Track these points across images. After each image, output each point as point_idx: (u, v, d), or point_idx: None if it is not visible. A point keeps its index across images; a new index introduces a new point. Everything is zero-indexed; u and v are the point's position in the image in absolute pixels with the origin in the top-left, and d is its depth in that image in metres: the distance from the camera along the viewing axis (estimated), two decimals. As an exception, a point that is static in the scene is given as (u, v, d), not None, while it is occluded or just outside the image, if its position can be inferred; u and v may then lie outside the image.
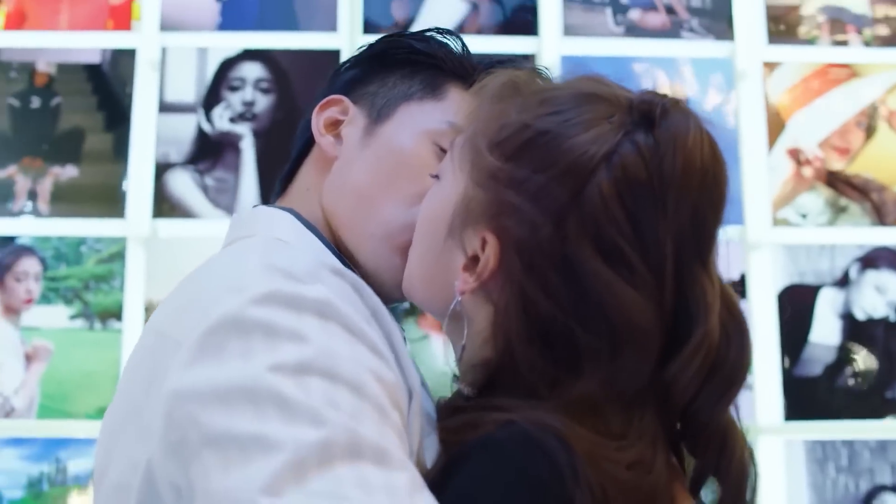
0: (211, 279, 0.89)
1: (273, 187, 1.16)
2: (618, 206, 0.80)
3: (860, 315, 2.27)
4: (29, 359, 2.20)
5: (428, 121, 1.07)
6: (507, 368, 0.84)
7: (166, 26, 2.38)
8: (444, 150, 1.02)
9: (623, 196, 0.80)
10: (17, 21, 2.38)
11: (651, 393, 0.82)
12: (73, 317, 2.23)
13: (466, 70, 1.10)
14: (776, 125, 2.35)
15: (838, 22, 2.44)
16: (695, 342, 0.81)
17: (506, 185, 0.84)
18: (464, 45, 1.14)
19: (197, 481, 0.75)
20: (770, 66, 2.38)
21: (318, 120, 1.10)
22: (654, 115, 0.83)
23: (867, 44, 2.43)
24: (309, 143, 1.12)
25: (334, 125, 1.10)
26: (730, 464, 0.85)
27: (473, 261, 0.86)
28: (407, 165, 1.06)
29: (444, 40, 1.12)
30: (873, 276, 2.28)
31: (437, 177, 0.97)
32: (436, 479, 0.78)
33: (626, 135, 0.82)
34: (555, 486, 0.73)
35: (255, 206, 1.13)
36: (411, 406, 0.86)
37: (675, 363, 0.82)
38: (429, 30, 1.14)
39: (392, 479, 0.72)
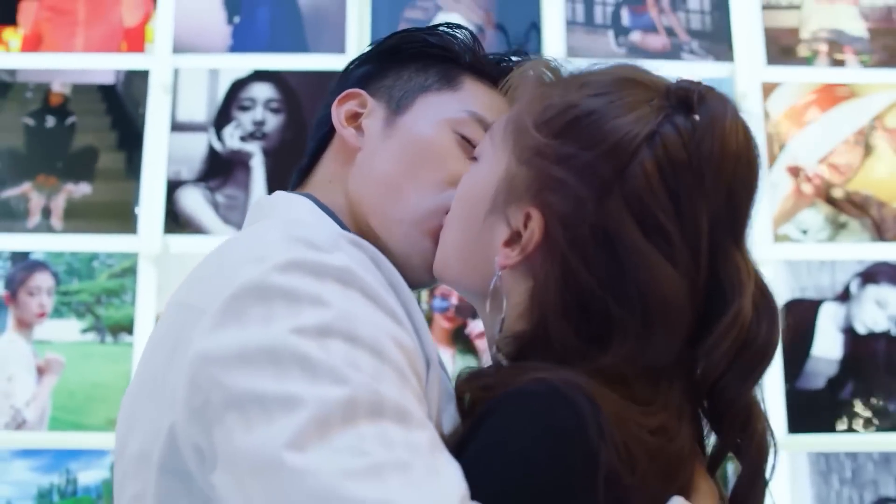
0: (233, 252, 0.91)
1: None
2: (659, 183, 0.83)
3: (861, 329, 2.30)
4: (41, 372, 2.23)
5: (447, 110, 1.10)
6: (540, 341, 0.86)
7: (179, 48, 2.44)
8: (464, 138, 1.08)
9: (664, 174, 0.84)
10: (34, 43, 2.44)
11: (679, 367, 0.85)
12: (84, 330, 2.27)
13: (479, 61, 1.14)
14: (776, 144, 2.39)
15: (836, 44, 2.49)
16: (728, 319, 0.84)
17: (552, 160, 0.87)
18: (474, 37, 1.17)
19: (220, 442, 0.77)
20: (769, 87, 2.43)
21: (339, 113, 1.13)
22: (692, 101, 0.87)
23: (864, 64, 2.48)
24: (327, 136, 1.15)
25: (354, 117, 1.13)
26: (751, 441, 0.87)
27: (514, 237, 0.89)
28: (430, 153, 1.09)
29: (455, 33, 1.16)
30: (874, 291, 2.31)
31: (475, 159, 1.01)
32: (465, 434, 0.80)
33: (665, 117, 0.86)
34: (580, 439, 0.74)
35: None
36: (429, 375, 0.87)
37: (709, 339, 0.84)
38: (439, 25, 1.18)
39: (412, 436, 0.74)
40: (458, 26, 1.18)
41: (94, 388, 2.22)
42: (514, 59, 1.14)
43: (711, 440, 0.92)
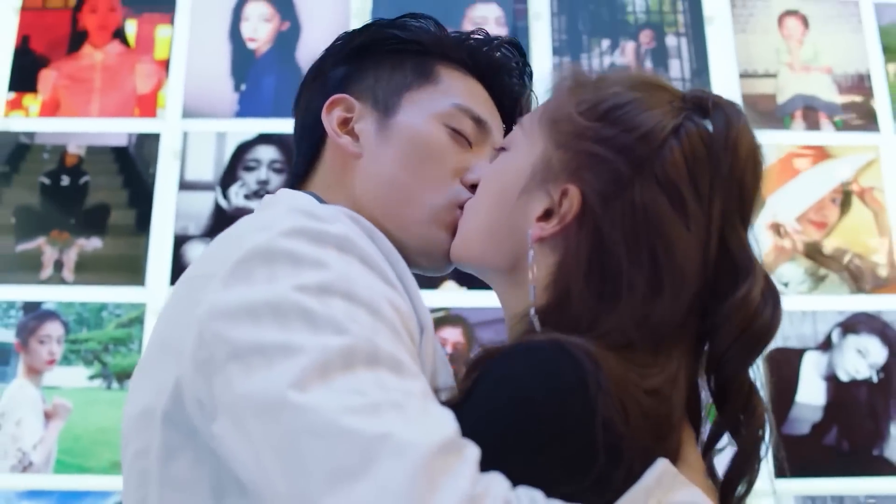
0: (241, 227, 0.97)
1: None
2: (683, 166, 0.93)
3: (844, 377, 2.38)
4: (48, 416, 2.29)
5: (433, 106, 1.14)
6: (558, 312, 0.93)
7: (188, 114, 2.58)
8: (454, 130, 1.14)
9: (687, 159, 0.94)
10: (52, 108, 2.58)
11: (682, 338, 0.92)
12: (92, 377, 2.34)
13: (448, 49, 1.18)
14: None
15: (811, 109, 2.63)
16: (740, 294, 0.92)
17: (594, 140, 0.97)
18: (438, 25, 1.21)
19: (220, 392, 0.81)
20: (749, 149, 2.56)
21: (331, 121, 1.15)
22: (707, 105, 0.98)
23: (837, 127, 2.62)
24: (319, 142, 1.17)
25: (345, 123, 1.15)
26: (752, 417, 0.96)
27: (547, 212, 0.98)
28: (429, 151, 1.12)
29: (421, 24, 1.19)
30: (854, 340, 2.40)
31: (502, 149, 1.09)
32: (467, 386, 0.86)
33: (685, 117, 0.96)
34: (579, 387, 0.80)
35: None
36: (423, 339, 0.93)
37: (720, 311, 0.92)
38: (403, 16, 1.21)
39: (406, 384, 0.79)
40: (423, 17, 1.21)
41: (99, 432, 2.28)
42: (476, 37, 1.20)
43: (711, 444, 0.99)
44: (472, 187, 1.12)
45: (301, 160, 1.19)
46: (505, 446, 0.79)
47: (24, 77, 2.61)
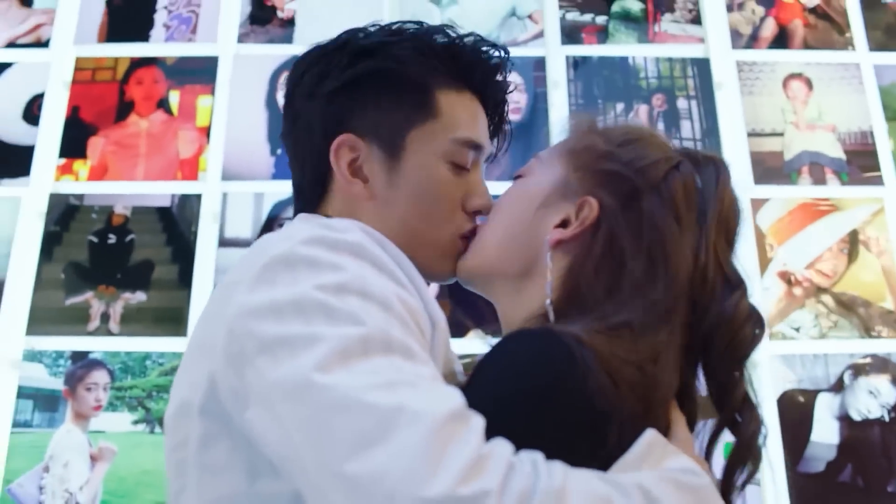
0: (265, 239, 1.05)
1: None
2: (682, 191, 1.09)
3: (856, 416, 2.46)
4: (94, 459, 2.41)
5: (437, 144, 1.18)
6: (565, 304, 1.06)
7: (227, 176, 2.73)
8: (455, 164, 1.20)
9: (686, 187, 1.10)
10: (100, 173, 2.75)
11: (673, 328, 1.03)
12: (135, 422, 2.46)
13: (442, 72, 1.20)
14: (766, 252, 2.63)
15: (816, 165, 2.77)
16: (733, 301, 1.06)
17: (614, 161, 1.13)
18: (426, 43, 1.20)
19: (252, 382, 0.88)
20: (758, 203, 2.69)
21: (341, 167, 1.18)
22: (698, 158, 1.15)
23: (843, 182, 2.74)
24: (325, 175, 1.20)
25: (352, 162, 1.18)
26: (747, 413, 1.07)
27: (563, 223, 1.12)
28: (437, 194, 1.19)
29: (411, 52, 1.19)
30: (865, 382, 2.49)
31: (518, 176, 1.22)
32: (469, 376, 0.96)
33: (680, 162, 1.13)
34: (569, 365, 0.89)
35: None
36: (436, 334, 0.99)
37: (714, 316, 1.06)
38: (396, 41, 1.20)
39: (417, 368, 0.86)
40: (402, 32, 1.21)
41: (142, 474, 2.39)
42: (464, 43, 1.21)
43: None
44: (473, 212, 1.22)
45: (310, 189, 1.22)
46: (504, 418, 0.86)
47: (75, 144, 2.78)
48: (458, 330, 2.33)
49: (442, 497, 0.74)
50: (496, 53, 1.26)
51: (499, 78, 1.27)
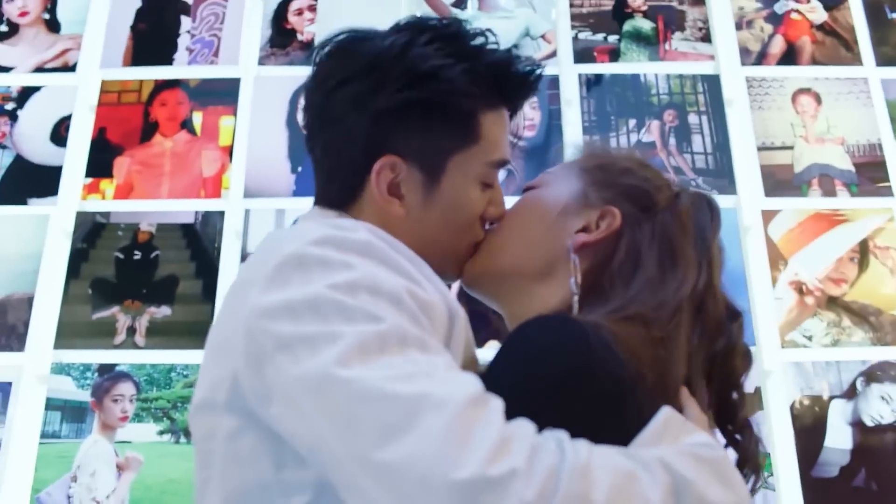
0: (276, 239, 1.08)
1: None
2: (689, 213, 1.21)
3: (869, 422, 2.50)
4: (121, 468, 2.46)
5: (475, 167, 1.21)
6: (584, 300, 1.14)
7: (249, 193, 2.80)
8: (485, 184, 1.24)
9: (688, 214, 1.21)
10: (126, 191, 2.82)
11: (680, 325, 1.10)
12: (161, 432, 2.52)
13: (487, 91, 1.22)
14: (778, 262, 2.67)
15: (826, 176, 2.82)
16: (737, 326, 1.18)
17: (635, 177, 1.24)
18: (481, 60, 1.22)
19: (273, 380, 0.91)
20: (769, 214, 2.73)
21: (381, 186, 1.18)
22: (689, 192, 1.26)
23: (852, 193, 2.79)
24: (359, 182, 1.20)
25: (390, 182, 1.19)
26: (750, 434, 1.18)
27: (583, 228, 1.20)
28: (469, 213, 1.23)
29: (466, 70, 1.19)
30: (878, 388, 2.52)
31: (530, 187, 1.30)
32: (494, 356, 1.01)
33: (680, 191, 1.25)
34: (585, 345, 0.95)
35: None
36: (455, 324, 1.02)
37: (727, 335, 1.16)
38: (450, 65, 1.18)
39: (433, 359, 0.89)
40: (464, 57, 1.20)
41: (168, 483, 2.44)
42: (515, 67, 1.24)
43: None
44: (490, 221, 1.28)
45: (338, 190, 1.22)
46: (529, 399, 0.91)
47: (101, 164, 2.85)
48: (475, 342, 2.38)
49: (472, 478, 0.77)
50: (538, 71, 1.28)
51: (528, 87, 1.29)
